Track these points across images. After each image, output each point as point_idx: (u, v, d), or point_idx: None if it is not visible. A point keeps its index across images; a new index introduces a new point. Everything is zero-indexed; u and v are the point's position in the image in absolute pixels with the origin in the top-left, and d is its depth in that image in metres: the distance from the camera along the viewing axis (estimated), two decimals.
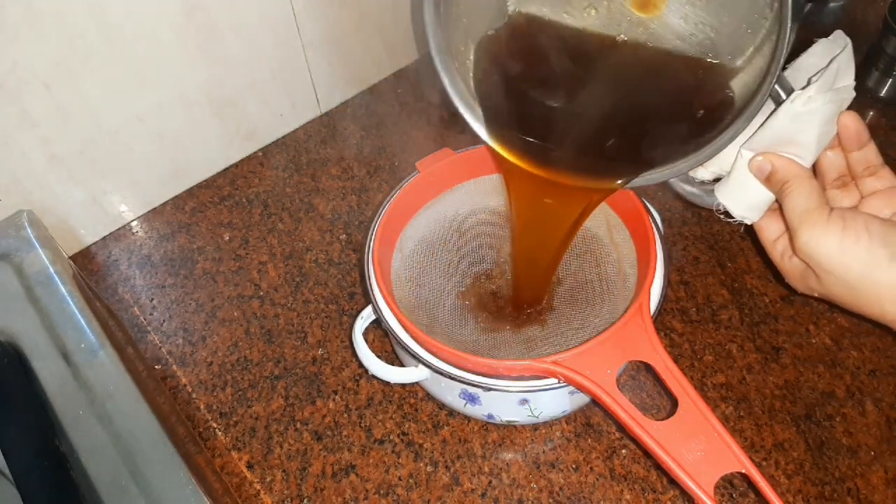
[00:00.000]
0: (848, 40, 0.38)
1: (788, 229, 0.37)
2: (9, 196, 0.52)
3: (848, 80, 0.37)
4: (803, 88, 0.36)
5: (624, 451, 0.46)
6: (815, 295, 0.38)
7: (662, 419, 0.36)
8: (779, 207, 0.38)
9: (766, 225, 0.40)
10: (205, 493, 0.36)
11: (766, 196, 0.38)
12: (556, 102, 0.41)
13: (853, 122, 0.37)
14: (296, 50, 0.61)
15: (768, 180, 0.37)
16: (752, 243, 0.57)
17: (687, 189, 0.42)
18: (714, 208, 0.40)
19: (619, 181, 0.40)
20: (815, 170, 0.38)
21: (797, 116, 0.36)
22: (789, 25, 0.32)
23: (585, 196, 0.42)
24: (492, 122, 0.42)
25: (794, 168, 0.36)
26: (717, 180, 0.40)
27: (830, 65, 0.36)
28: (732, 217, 0.39)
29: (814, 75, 0.37)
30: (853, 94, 0.37)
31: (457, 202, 0.51)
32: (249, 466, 0.47)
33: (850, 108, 0.37)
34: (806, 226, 0.35)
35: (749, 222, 0.40)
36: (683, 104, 0.40)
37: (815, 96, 0.35)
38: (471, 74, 0.42)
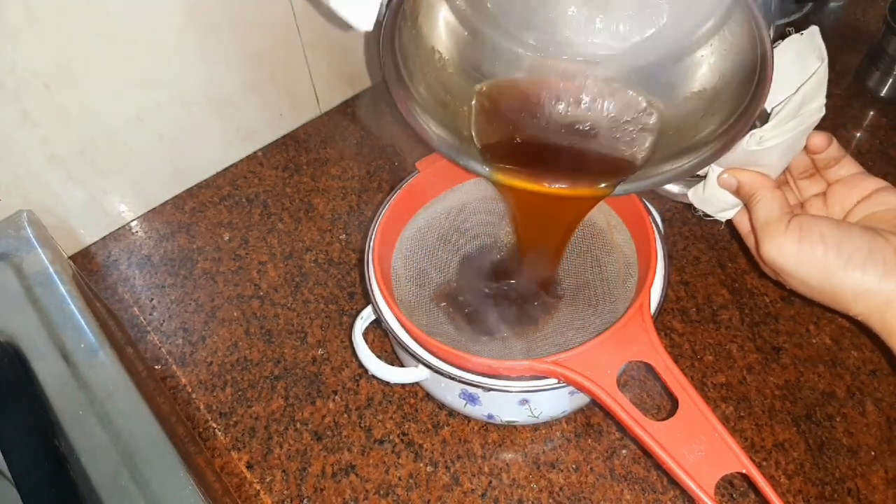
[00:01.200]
0: (824, 55, 0.37)
1: (755, 238, 0.39)
2: (9, 196, 0.52)
3: (818, 100, 0.38)
4: (765, 123, 0.37)
5: (624, 451, 0.46)
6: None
7: (662, 419, 0.36)
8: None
9: (741, 218, 0.42)
10: (204, 494, 0.36)
11: (736, 200, 0.41)
12: (549, 136, 0.43)
13: (822, 144, 0.39)
14: (296, 50, 0.61)
15: (737, 192, 0.40)
16: None
17: (663, 186, 0.43)
18: (692, 205, 0.43)
19: (603, 185, 0.42)
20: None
21: (752, 153, 0.38)
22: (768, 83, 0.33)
23: (579, 202, 0.44)
24: (495, 161, 0.43)
25: (759, 180, 0.39)
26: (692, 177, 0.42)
27: (798, 91, 0.36)
28: (710, 215, 0.43)
29: (778, 104, 0.37)
30: (822, 112, 0.38)
31: (457, 202, 0.51)
32: (249, 466, 0.47)
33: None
34: (766, 237, 0.37)
35: (724, 220, 0.43)
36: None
37: (767, 136, 0.37)
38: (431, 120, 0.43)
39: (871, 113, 0.66)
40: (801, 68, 0.37)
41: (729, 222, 0.43)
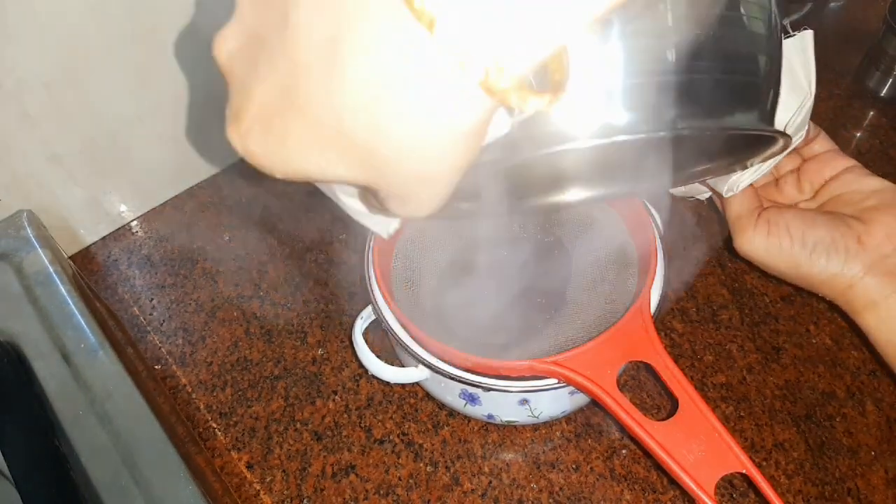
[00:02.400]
0: (812, 79, 0.37)
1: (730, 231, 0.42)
2: (9, 196, 0.51)
3: (800, 133, 0.38)
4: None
5: (624, 451, 0.46)
6: None
7: (662, 419, 0.36)
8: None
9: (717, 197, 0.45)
10: (204, 494, 0.36)
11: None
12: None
13: (801, 143, 0.41)
14: None
15: (712, 190, 0.43)
16: None
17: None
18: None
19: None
20: None
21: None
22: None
23: None
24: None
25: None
26: None
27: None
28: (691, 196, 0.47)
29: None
30: (802, 138, 0.39)
31: None
32: (249, 466, 0.47)
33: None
34: (738, 231, 0.41)
35: (704, 199, 0.46)
36: None
37: (745, 182, 0.39)
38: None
39: (871, 113, 0.66)
40: (788, 89, 0.37)
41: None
